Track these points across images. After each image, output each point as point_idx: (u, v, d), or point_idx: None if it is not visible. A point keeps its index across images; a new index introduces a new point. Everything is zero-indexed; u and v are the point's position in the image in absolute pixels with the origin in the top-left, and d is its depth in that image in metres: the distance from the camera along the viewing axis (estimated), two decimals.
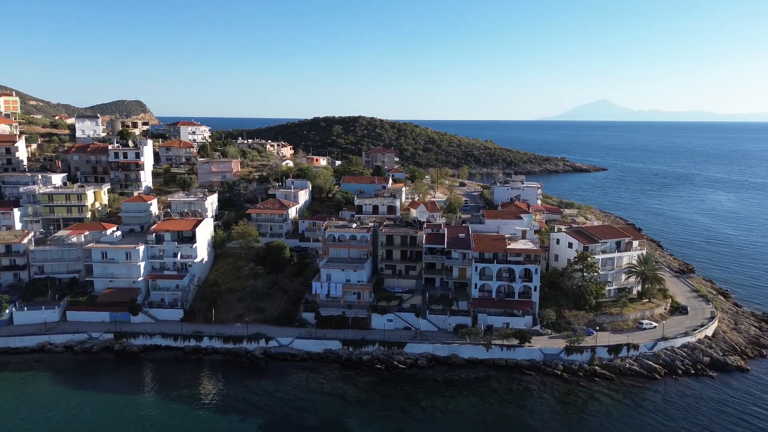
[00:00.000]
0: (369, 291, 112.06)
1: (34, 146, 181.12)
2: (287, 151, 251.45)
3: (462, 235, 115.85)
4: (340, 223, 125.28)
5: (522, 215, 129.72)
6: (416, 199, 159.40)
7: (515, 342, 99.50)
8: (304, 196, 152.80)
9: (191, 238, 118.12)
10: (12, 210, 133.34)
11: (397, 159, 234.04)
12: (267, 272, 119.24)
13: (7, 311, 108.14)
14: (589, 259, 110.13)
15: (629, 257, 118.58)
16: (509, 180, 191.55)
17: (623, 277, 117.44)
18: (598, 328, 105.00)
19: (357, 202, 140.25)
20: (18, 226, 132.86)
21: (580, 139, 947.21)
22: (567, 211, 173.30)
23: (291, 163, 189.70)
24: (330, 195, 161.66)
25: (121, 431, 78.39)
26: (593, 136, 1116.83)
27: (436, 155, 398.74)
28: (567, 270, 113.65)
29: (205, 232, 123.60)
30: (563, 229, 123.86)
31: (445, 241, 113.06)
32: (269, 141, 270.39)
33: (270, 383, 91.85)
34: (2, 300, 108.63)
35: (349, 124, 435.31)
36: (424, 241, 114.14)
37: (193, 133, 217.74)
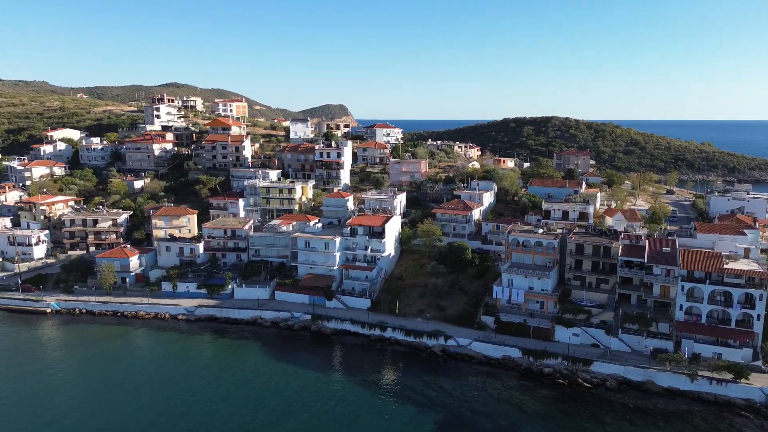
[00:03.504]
0: (554, 301, 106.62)
1: (256, 146, 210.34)
2: (474, 152, 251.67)
3: (667, 248, 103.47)
4: (526, 227, 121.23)
5: (746, 231, 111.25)
6: (613, 206, 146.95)
7: (728, 376, 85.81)
8: (488, 198, 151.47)
9: (381, 234, 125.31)
10: (238, 200, 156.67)
11: (592, 162, 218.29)
12: (448, 271, 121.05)
13: (230, 286, 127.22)
14: None
15: None
16: (730, 189, 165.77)
17: None
18: None
19: (545, 206, 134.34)
20: (242, 214, 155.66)
21: None
22: None
23: (477, 165, 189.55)
24: (516, 198, 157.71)
25: (311, 404, 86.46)
26: None
27: (639, 158, 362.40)
28: None
29: (393, 228, 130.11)
30: None
31: (646, 254, 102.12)
32: (457, 142, 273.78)
33: (447, 381, 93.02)
34: (227, 277, 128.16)
35: (541, 124, 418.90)
36: (620, 253, 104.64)
37: (387, 134, 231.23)
